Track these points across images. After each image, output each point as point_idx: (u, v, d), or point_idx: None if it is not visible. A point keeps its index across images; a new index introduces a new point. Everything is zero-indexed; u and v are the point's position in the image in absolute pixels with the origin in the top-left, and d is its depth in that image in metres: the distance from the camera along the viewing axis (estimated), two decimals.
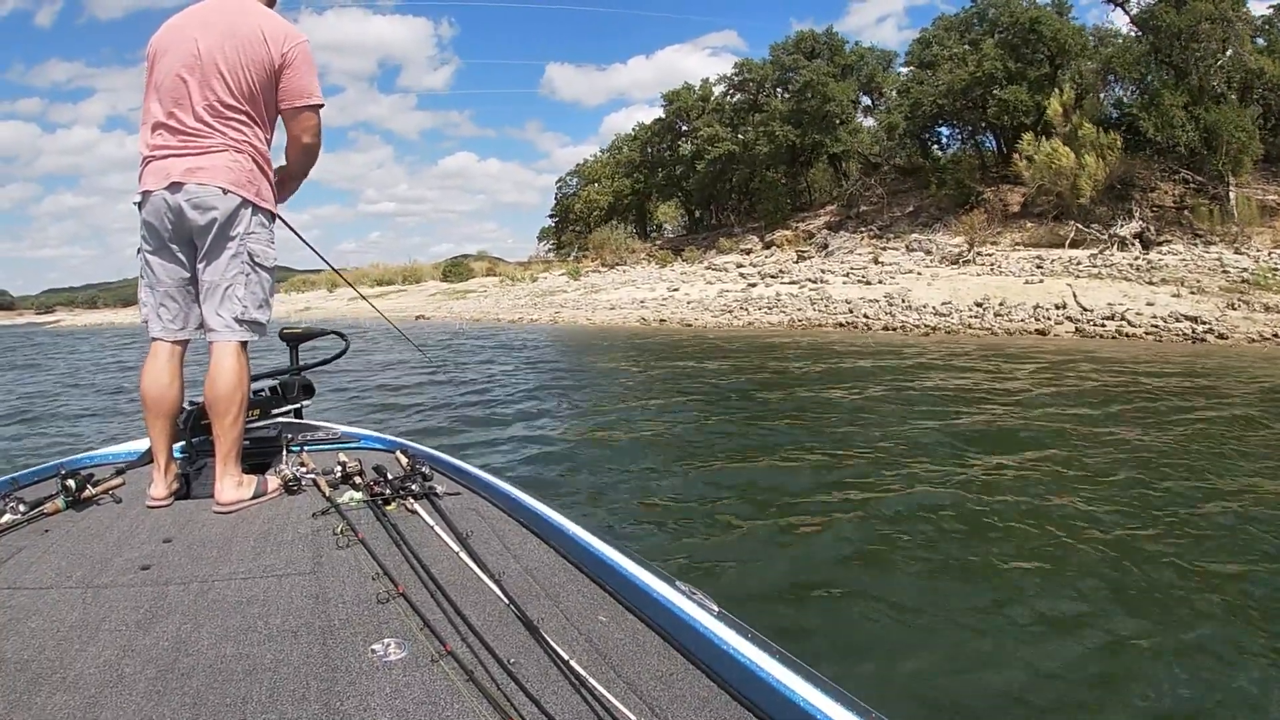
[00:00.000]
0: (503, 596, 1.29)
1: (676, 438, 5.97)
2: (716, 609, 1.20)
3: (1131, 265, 16.58)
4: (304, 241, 2.37)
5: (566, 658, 1.09)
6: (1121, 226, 18.69)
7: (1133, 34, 21.33)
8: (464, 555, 1.47)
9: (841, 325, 14.87)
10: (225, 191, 1.88)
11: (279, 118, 2.02)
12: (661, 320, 17.85)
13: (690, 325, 16.85)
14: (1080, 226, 18.76)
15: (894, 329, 14.08)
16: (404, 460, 2.03)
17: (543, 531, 1.61)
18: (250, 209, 1.93)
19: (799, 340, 13.36)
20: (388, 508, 1.73)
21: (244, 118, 1.91)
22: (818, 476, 4.58)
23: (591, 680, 1.04)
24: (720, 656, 1.08)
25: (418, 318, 26.49)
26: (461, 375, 10.12)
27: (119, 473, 2.00)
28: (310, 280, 52.05)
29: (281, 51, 1.91)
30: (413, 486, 1.80)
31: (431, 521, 1.65)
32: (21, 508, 1.73)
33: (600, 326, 18.38)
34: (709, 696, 1.03)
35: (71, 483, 1.81)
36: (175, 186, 1.86)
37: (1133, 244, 18.18)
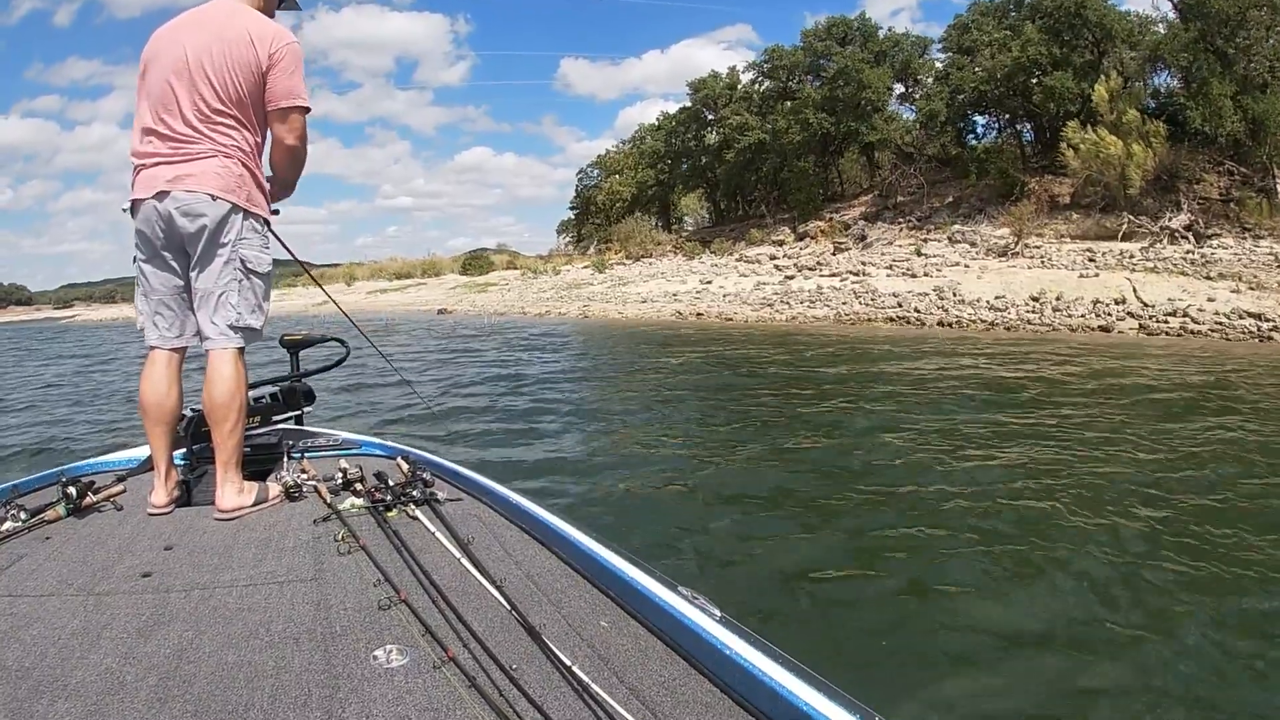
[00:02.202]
0: (504, 603, 1.28)
1: (699, 438, 5.76)
2: (719, 614, 1.18)
3: (1185, 259, 16.00)
4: (283, 245, 2.27)
5: (569, 664, 1.07)
6: (1170, 219, 18.09)
7: (1175, 19, 20.59)
8: (465, 561, 1.46)
9: (892, 320, 14.26)
10: (214, 198, 1.84)
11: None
12: (698, 314, 17.27)
13: (730, 319, 16.27)
14: (1132, 219, 18.10)
15: (949, 324, 13.48)
16: (405, 466, 2.02)
17: (544, 537, 1.60)
18: (241, 214, 1.90)
19: (848, 335, 12.80)
20: (389, 514, 1.72)
21: (232, 121, 1.88)
22: (840, 483, 4.41)
23: (594, 686, 1.02)
24: (723, 661, 1.06)
25: (440, 311, 26.05)
26: (494, 372, 9.64)
27: (120, 480, 1.99)
28: (326, 275, 51.86)
29: (269, 52, 1.87)
30: (414, 493, 1.79)
31: (433, 528, 1.64)
32: (22, 515, 1.72)
33: (633, 320, 17.85)
34: (712, 702, 1.02)
35: (72, 490, 1.79)
36: (162, 195, 1.83)
37: (1185, 237, 17.55)
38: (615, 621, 1.24)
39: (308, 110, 1.99)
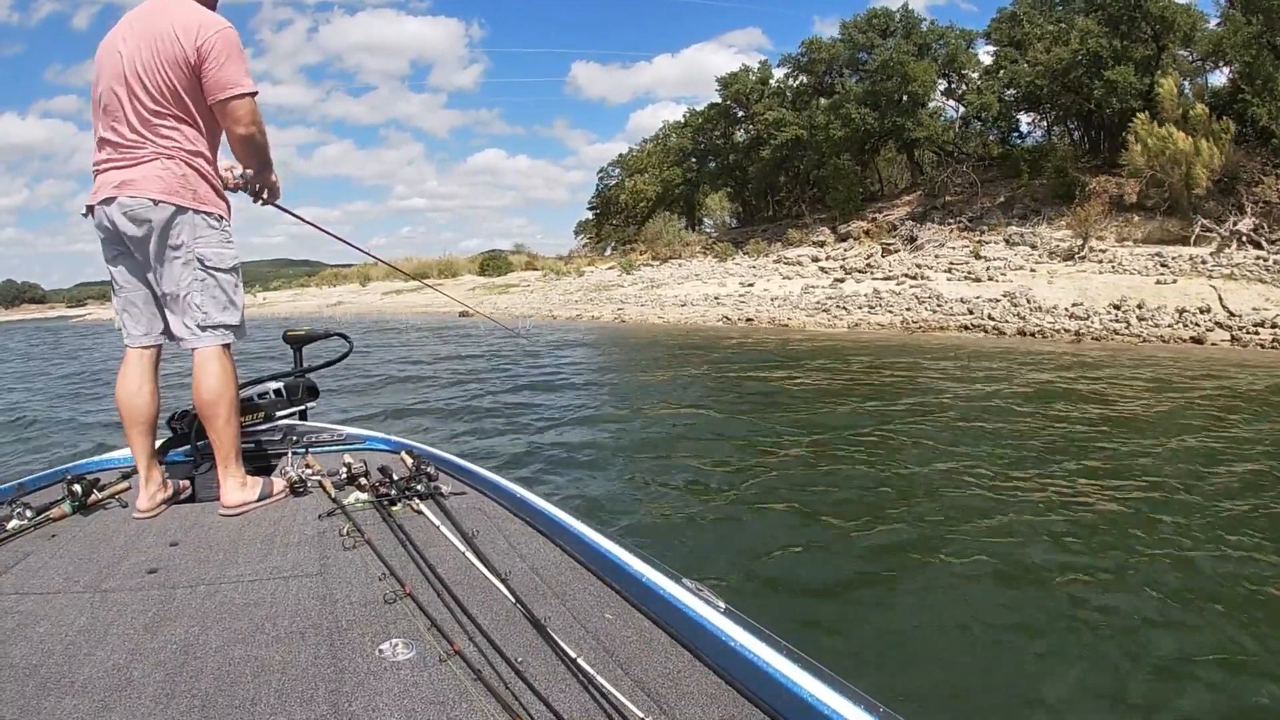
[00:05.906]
0: (509, 596, 1.28)
1: (728, 441, 5.67)
2: (723, 606, 1.18)
3: (1259, 264, 15.02)
4: (310, 224, 2.49)
5: (574, 656, 1.07)
6: (1236, 222, 17.15)
7: (1235, 14, 19.61)
8: (470, 555, 1.46)
9: (966, 329, 13.25)
10: (156, 203, 1.81)
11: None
12: (747, 319, 16.26)
13: (786, 325, 15.28)
14: (1205, 221, 17.11)
15: (1029, 334, 12.47)
16: (409, 461, 2.01)
17: (549, 530, 1.59)
18: (189, 214, 1.84)
19: (934, 347, 11.81)
20: (393, 508, 1.71)
21: (172, 120, 1.82)
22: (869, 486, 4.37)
23: (599, 678, 1.03)
24: (727, 653, 1.06)
25: (461, 314, 25.14)
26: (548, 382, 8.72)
27: (125, 477, 1.98)
28: (342, 274, 51.14)
29: (195, 45, 1.78)
30: (418, 487, 1.78)
31: (437, 521, 1.63)
32: (28, 513, 1.70)
33: (676, 326, 16.85)
34: (717, 693, 1.02)
35: (78, 488, 1.80)
36: (108, 201, 1.82)
37: (1255, 241, 16.58)
38: (620, 614, 1.23)
39: (253, 94, 1.87)
